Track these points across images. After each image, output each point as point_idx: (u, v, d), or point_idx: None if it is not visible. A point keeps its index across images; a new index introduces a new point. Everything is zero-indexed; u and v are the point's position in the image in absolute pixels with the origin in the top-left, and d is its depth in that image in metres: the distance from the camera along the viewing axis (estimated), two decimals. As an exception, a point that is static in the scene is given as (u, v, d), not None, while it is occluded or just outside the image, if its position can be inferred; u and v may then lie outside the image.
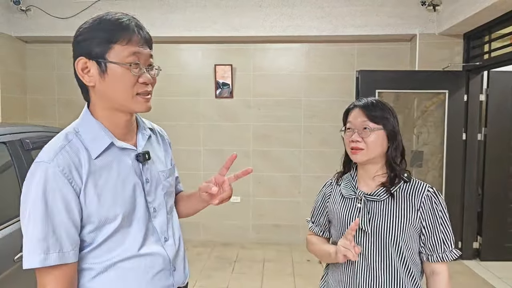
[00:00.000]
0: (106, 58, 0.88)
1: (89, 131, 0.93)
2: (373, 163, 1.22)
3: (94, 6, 3.92)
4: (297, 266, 3.58)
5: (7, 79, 3.96)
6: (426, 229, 1.18)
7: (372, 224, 1.18)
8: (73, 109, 4.25)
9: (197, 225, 4.23)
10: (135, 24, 0.92)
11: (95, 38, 0.88)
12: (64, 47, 4.22)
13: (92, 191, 0.88)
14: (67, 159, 0.87)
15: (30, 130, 2.10)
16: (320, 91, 4.10)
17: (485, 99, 3.70)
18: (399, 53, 4.01)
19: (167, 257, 1.01)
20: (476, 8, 3.01)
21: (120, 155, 0.95)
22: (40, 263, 0.82)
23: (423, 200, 1.17)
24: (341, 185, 1.30)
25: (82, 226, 0.89)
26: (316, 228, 1.38)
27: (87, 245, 0.91)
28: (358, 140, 1.19)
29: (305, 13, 3.82)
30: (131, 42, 0.89)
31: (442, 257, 1.17)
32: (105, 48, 0.88)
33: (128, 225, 0.94)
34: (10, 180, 1.84)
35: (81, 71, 0.91)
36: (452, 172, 3.68)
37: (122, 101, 0.92)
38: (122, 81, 0.90)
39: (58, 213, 0.84)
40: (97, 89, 0.92)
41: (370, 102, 1.23)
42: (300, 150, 4.16)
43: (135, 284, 0.94)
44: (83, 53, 0.90)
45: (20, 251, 1.66)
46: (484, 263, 3.65)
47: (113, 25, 0.89)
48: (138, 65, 0.90)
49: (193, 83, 4.16)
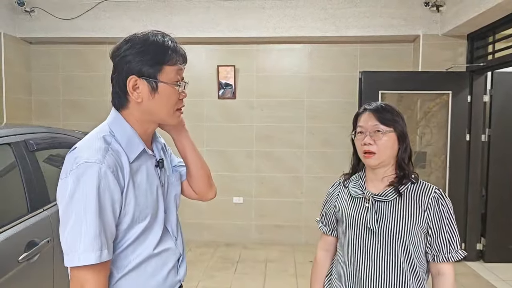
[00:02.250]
0: (158, 79, 0.96)
1: (124, 136, 0.98)
2: (383, 166, 1.24)
3: (98, 7, 3.94)
4: (299, 267, 3.58)
5: (12, 80, 3.99)
6: (432, 229, 1.20)
7: (379, 223, 1.19)
8: (77, 110, 4.28)
9: (200, 226, 4.24)
10: (177, 44, 1.01)
11: (146, 59, 0.95)
12: (68, 48, 4.25)
13: (131, 191, 0.95)
14: (114, 160, 0.92)
15: (35, 131, 2.11)
16: (323, 92, 4.10)
17: (489, 100, 3.68)
18: (402, 54, 4.00)
19: (179, 253, 1.10)
20: (480, 9, 3.00)
21: (146, 160, 1.03)
22: (96, 259, 0.86)
23: (430, 201, 1.19)
24: (349, 185, 1.32)
25: (117, 224, 0.94)
26: (325, 228, 1.41)
27: (116, 243, 0.95)
28: (370, 143, 1.21)
29: (308, 14, 3.83)
30: (176, 62, 0.99)
31: (448, 257, 1.19)
32: (157, 69, 0.96)
33: (151, 226, 1.00)
34: (14, 181, 1.85)
35: (132, 89, 0.96)
36: (455, 173, 3.67)
37: (164, 116, 1.01)
38: (170, 99, 0.99)
39: (107, 212, 0.89)
40: (144, 105, 0.98)
41: (380, 106, 1.26)
42: (303, 151, 4.16)
43: (154, 282, 1.01)
44: (134, 72, 0.95)
45: (24, 252, 1.67)
46: (488, 265, 3.63)
47: (162, 47, 0.97)
48: (181, 83, 1.00)
49: (196, 84, 4.16)
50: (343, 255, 1.31)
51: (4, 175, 1.87)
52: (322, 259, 1.43)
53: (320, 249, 1.44)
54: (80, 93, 4.25)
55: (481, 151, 3.71)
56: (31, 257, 1.69)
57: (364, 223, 1.22)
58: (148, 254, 0.99)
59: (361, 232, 1.23)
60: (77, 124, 4.06)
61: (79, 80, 4.24)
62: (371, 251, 1.21)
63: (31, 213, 1.81)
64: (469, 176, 3.70)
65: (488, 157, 3.69)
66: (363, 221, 1.22)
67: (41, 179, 1.95)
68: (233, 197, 4.22)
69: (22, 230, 1.71)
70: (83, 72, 4.24)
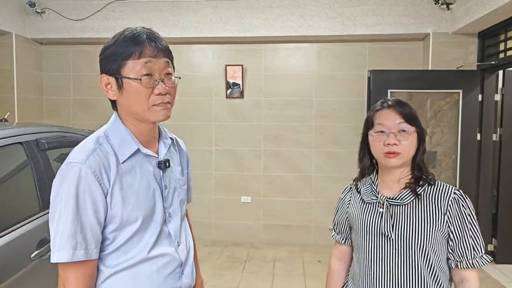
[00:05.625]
0: (121, 74, 0.94)
1: (118, 136, 0.98)
2: (401, 167, 1.15)
3: (107, 8, 3.98)
4: (308, 267, 3.57)
5: (23, 80, 4.05)
6: (454, 234, 1.11)
7: (396, 229, 1.12)
8: (87, 109, 4.32)
9: (208, 225, 4.26)
10: (147, 36, 0.94)
11: (112, 56, 0.94)
12: (79, 49, 4.30)
13: (118, 193, 0.93)
14: (98, 161, 0.92)
15: (46, 130, 2.14)
16: (331, 91, 4.08)
17: (501, 98, 3.63)
18: (411, 53, 3.96)
19: (179, 259, 1.05)
20: (491, 6, 2.95)
21: (143, 161, 1.00)
22: (68, 258, 0.88)
23: (450, 203, 1.11)
24: (361, 190, 1.24)
25: (105, 225, 0.94)
26: (338, 236, 1.35)
27: (107, 245, 0.95)
28: (395, 143, 1.11)
29: (316, 13, 3.81)
30: (143, 54, 0.93)
31: (472, 264, 1.11)
32: (120, 64, 0.93)
33: (145, 228, 0.98)
34: (26, 179, 1.88)
35: (105, 87, 0.98)
36: (466, 173, 3.62)
37: (140, 112, 0.96)
38: (137, 94, 0.94)
39: (86, 212, 0.90)
40: (119, 103, 0.99)
41: (400, 102, 1.16)
42: (311, 150, 4.15)
43: (147, 286, 0.98)
44: (104, 70, 0.97)
45: (36, 249, 1.70)
46: (499, 266, 3.58)
47: (127, 41, 0.93)
48: (151, 76, 0.93)
49: (204, 83, 4.19)
50: (358, 263, 1.23)
51: (17, 174, 1.90)
52: (336, 267, 1.36)
53: (334, 258, 1.37)
54: (90, 93, 4.29)
55: (492, 150, 3.65)
56: (43, 255, 1.72)
57: (379, 230, 1.14)
58: (142, 257, 0.97)
59: (377, 239, 1.15)
60: (87, 124, 4.11)
61: (89, 80, 4.29)
62: (389, 260, 1.13)
63: (43, 211, 1.83)
64: (480, 176, 3.65)
65: (500, 156, 3.64)
66: (378, 227, 1.15)
67: (53, 178, 1.97)
68: (241, 197, 4.22)
69: (34, 228, 1.74)
70: (93, 72, 4.28)
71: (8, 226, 1.63)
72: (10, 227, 1.64)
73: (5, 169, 1.84)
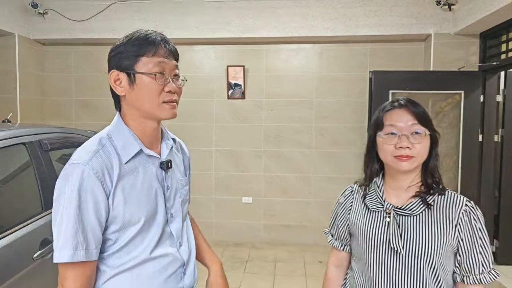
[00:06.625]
0: (135, 69, 0.95)
1: (121, 137, 0.99)
2: (412, 172, 1.07)
3: (109, 9, 3.99)
4: (308, 267, 3.57)
5: (26, 81, 4.06)
6: (462, 248, 1.04)
7: (404, 242, 1.04)
8: (89, 110, 4.34)
9: (209, 225, 4.26)
10: (161, 38, 0.99)
11: (125, 53, 0.96)
12: (81, 49, 4.31)
13: (120, 194, 0.94)
14: (101, 162, 0.93)
15: (48, 131, 2.15)
16: (333, 92, 4.08)
17: (502, 99, 3.62)
18: (413, 53, 3.96)
19: (181, 260, 1.06)
20: (493, 7, 2.95)
21: (146, 162, 1.01)
22: (69, 258, 0.89)
23: (461, 215, 1.04)
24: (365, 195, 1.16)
25: (107, 226, 0.95)
26: (336, 242, 1.26)
27: (110, 245, 0.96)
28: (408, 146, 1.02)
29: (318, 14, 3.81)
30: (157, 54, 0.96)
31: (479, 279, 1.04)
32: (134, 60, 0.96)
33: (148, 229, 0.99)
34: (29, 180, 1.89)
35: (114, 83, 0.98)
36: (467, 174, 3.62)
37: (149, 108, 0.98)
38: (149, 89, 0.96)
39: (88, 213, 0.90)
40: (128, 99, 0.99)
41: (412, 101, 1.08)
42: (312, 151, 4.15)
43: (149, 286, 0.98)
44: (115, 66, 0.98)
45: (38, 249, 1.71)
46: (501, 267, 3.56)
47: (141, 40, 0.96)
48: (163, 74, 0.96)
49: (206, 84, 4.19)
50: (358, 273, 1.16)
51: (19, 174, 1.91)
52: (334, 275, 1.29)
53: (331, 265, 1.30)
54: (92, 93, 4.30)
55: (494, 151, 3.65)
56: (45, 255, 1.73)
57: (385, 242, 1.06)
58: (144, 257, 0.97)
59: (382, 251, 1.07)
60: (89, 124, 4.11)
61: (91, 81, 4.30)
62: (394, 273, 1.05)
63: (45, 212, 1.85)
64: (482, 177, 3.64)
65: (501, 157, 3.63)
66: (384, 239, 1.07)
67: (55, 178, 1.98)
68: (242, 197, 4.23)
69: (36, 228, 1.75)
70: (96, 73, 4.30)
71: (11, 226, 1.64)
72: (13, 227, 1.65)
73: (8, 169, 1.86)
